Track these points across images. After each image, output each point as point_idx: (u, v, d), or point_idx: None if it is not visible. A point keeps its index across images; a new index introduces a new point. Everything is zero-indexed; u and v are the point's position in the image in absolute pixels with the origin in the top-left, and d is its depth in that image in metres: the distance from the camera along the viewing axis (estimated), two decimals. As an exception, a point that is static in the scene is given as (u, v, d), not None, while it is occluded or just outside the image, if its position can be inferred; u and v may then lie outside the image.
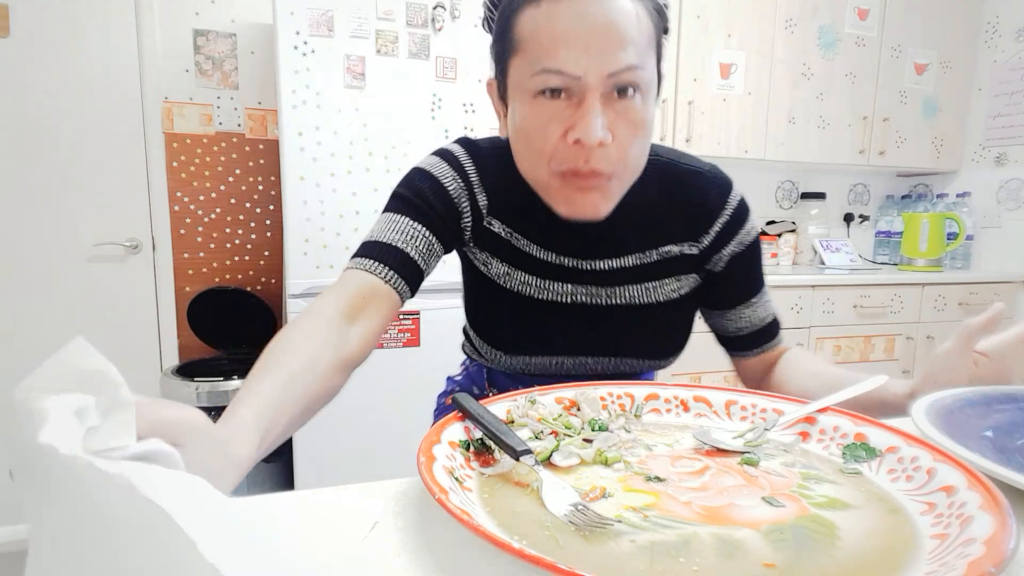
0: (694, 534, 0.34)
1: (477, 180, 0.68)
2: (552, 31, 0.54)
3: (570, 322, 0.70)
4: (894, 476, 0.41)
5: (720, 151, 2.33)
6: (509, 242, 0.69)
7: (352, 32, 1.63)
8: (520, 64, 0.57)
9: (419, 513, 0.38)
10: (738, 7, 2.27)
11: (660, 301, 0.71)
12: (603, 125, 0.55)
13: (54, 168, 1.87)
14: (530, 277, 0.70)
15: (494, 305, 0.73)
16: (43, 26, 1.82)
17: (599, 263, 0.69)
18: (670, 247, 0.70)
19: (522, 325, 0.71)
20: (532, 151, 0.59)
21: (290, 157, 1.63)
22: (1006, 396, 0.52)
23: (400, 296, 0.63)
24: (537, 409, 0.51)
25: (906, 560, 0.31)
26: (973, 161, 2.74)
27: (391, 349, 1.74)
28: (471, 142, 0.70)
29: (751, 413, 0.53)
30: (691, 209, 0.70)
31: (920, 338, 2.37)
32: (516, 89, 0.59)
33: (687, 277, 0.72)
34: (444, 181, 0.67)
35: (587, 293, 0.70)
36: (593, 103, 0.54)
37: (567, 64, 0.53)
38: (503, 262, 0.70)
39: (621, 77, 0.54)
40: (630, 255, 0.70)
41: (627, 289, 0.70)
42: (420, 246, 0.65)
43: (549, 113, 0.56)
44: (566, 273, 0.70)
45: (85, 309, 1.94)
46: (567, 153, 0.57)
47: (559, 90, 0.55)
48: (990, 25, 2.68)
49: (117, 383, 0.27)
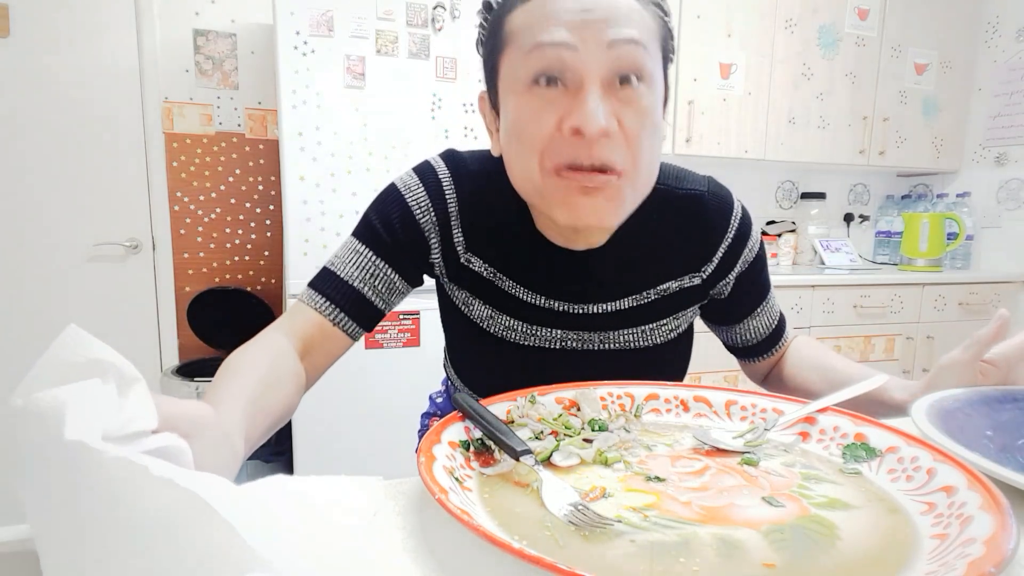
0: (694, 534, 0.34)
1: (456, 211, 0.62)
2: (545, 11, 0.49)
3: (558, 369, 0.65)
4: (894, 476, 0.41)
5: (720, 151, 2.33)
6: (492, 282, 0.63)
7: (352, 32, 1.63)
8: (511, 54, 0.52)
9: (419, 513, 0.38)
10: (738, 7, 2.27)
11: (657, 343, 0.66)
12: (606, 112, 0.48)
13: (54, 168, 1.87)
14: (515, 322, 0.64)
15: (475, 348, 0.68)
16: (43, 26, 1.82)
17: (592, 307, 0.63)
18: (669, 283, 0.64)
19: (506, 373, 0.65)
20: (524, 148, 0.52)
21: (290, 157, 1.63)
22: (1006, 396, 0.52)
23: (351, 337, 0.62)
24: (537, 409, 0.51)
25: (906, 560, 0.31)
26: (973, 161, 2.74)
27: (391, 349, 1.74)
28: (456, 157, 0.63)
29: (751, 413, 0.53)
30: (692, 240, 0.64)
31: (920, 338, 2.37)
32: (508, 85, 0.53)
33: (686, 313, 0.67)
34: (416, 211, 0.61)
35: (578, 339, 0.64)
36: (591, 87, 0.48)
37: (562, 35, 0.48)
38: (486, 304, 0.64)
39: (621, 53, 0.48)
40: (626, 297, 0.64)
41: (621, 334, 0.65)
42: (379, 286, 0.62)
43: (543, 102, 0.50)
44: (556, 318, 0.64)
45: (85, 309, 1.94)
46: (563, 145, 0.50)
47: (555, 79, 0.49)
48: (990, 25, 2.68)
49: (120, 363, 0.27)
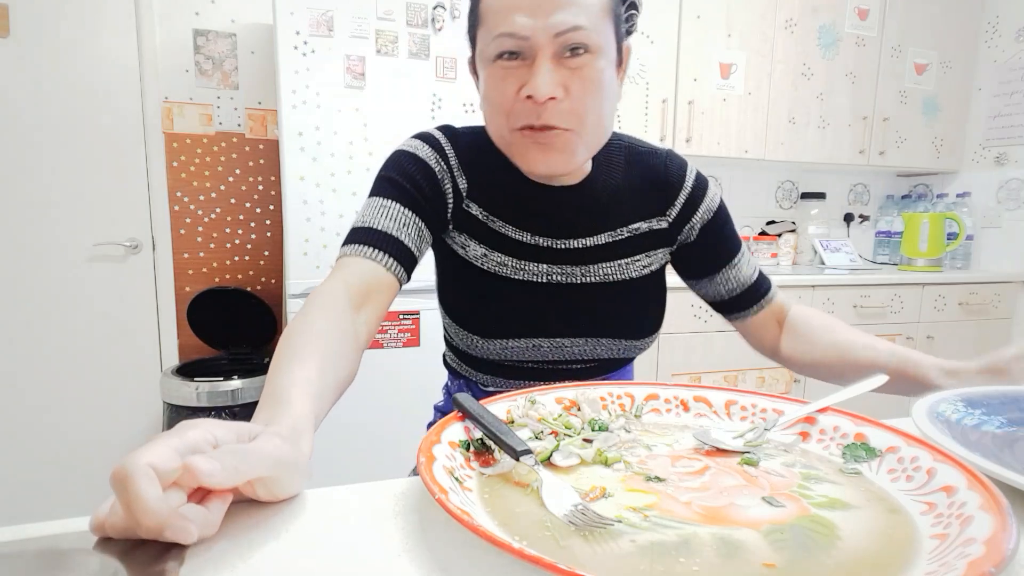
0: (694, 534, 0.34)
1: (456, 164, 0.70)
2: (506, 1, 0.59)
3: (546, 301, 0.71)
4: (894, 476, 0.41)
5: (720, 151, 2.33)
6: (486, 224, 0.71)
7: (352, 32, 1.63)
8: (483, 34, 0.62)
9: (419, 513, 0.38)
10: (738, 7, 2.27)
11: (632, 277, 0.74)
12: (552, 81, 0.58)
13: (54, 168, 1.87)
14: (506, 258, 0.71)
15: (471, 288, 0.73)
16: (43, 26, 1.82)
17: (573, 242, 0.72)
18: (639, 224, 0.74)
19: (499, 306, 0.72)
20: (494, 110, 0.63)
21: (290, 157, 1.63)
22: (1006, 396, 0.52)
23: (399, 282, 0.65)
24: (537, 409, 0.51)
25: (906, 560, 0.31)
26: (973, 161, 2.74)
27: (391, 349, 1.74)
28: (451, 128, 0.73)
29: (751, 413, 0.53)
30: (655, 186, 0.74)
31: (920, 338, 2.37)
32: (481, 58, 0.64)
33: (656, 253, 0.76)
34: (430, 163, 0.69)
35: (562, 272, 0.72)
36: (543, 61, 0.59)
37: (516, 27, 0.58)
38: (481, 244, 0.71)
39: (567, 36, 0.58)
40: (602, 233, 0.72)
41: (600, 267, 0.72)
42: (412, 233, 0.66)
43: (505, 73, 0.61)
44: (541, 253, 0.71)
45: (85, 309, 1.94)
46: (522, 109, 0.60)
47: (515, 53, 0.60)
48: (990, 25, 2.68)
49: None
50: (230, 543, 0.33)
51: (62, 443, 1.94)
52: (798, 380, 2.23)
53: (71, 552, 0.31)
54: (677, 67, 2.23)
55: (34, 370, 1.90)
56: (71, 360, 1.94)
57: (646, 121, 2.22)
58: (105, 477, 1.68)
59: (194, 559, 0.31)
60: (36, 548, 0.32)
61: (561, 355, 0.73)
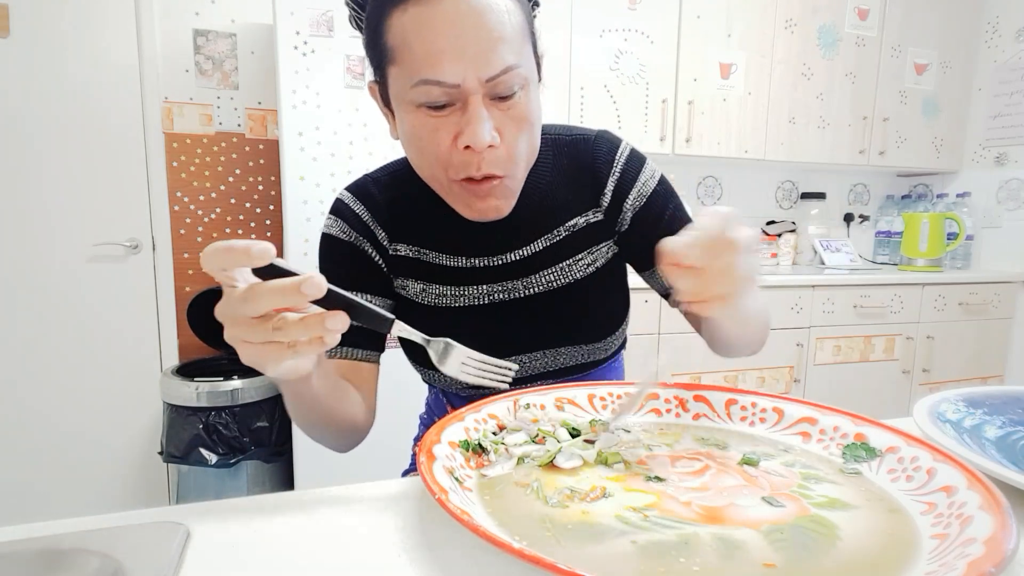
0: (694, 534, 0.34)
1: (372, 220, 0.69)
2: (423, 40, 0.52)
3: (492, 323, 0.69)
4: (894, 476, 0.41)
5: (720, 151, 2.33)
6: (419, 260, 0.69)
7: (352, 32, 1.62)
8: (398, 74, 0.56)
9: (419, 513, 0.38)
10: (738, 7, 2.27)
11: (577, 279, 0.70)
12: (490, 129, 0.54)
13: (54, 168, 1.87)
14: (444, 287, 0.69)
15: (417, 326, 0.70)
16: (43, 26, 1.82)
17: (510, 255, 0.68)
18: (575, 220, 0.70)
19: (445, 336, 0.68)
20: (427, 160, 0.59)
21: (290, 157, 1.63)
22: (1008, 396, 0.52)
23: (377, 358, 0.69)
24: (532, 412, 0.51)
25: (906, 560, 0.31)
26: (973, 161, 2.74)
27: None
28: (362, 184, 0.71)
29: (751, 413, 0.53)
30: (584, 175, 0.70)
31: (920, 338, 2.37)
32: (399, 99, 0.57)
33: (599, 248, 0.71)
34: (348, 239, 0.69)
35: (503, 289, 0.69)
36: (477, 107, 0.53)
37: (444, 74, 0.52)
38: (417, 280, 0.70)
39: (500, 81, 0.53)
40: (539, 239, 0.69)
41: (542, 275, 0.69)
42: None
43: (436, 122, 0.55)
44: (479, 274, 0.69)
45: (85, 309, 1.94)
46: (460, 160, 0.56)
47: (442, 105, 0.54)
48: (990, 25, 2.68)
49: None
50: (230, 542, 0.33)
51: (62, 443, 1.94)
52: (798, 380, 2.23)
53: (71, 552, 0.31)
54: (677, 67, 2.23)
55: (34, 370, 1.90)
56: (71, 360, 1.93)
57: (646, 121, 2.22)
58: (105, 477, 1.69)
59: (194, 559, 0.31)
60: (36, 548, 0.32)
61: (524, 371, 0.70)
